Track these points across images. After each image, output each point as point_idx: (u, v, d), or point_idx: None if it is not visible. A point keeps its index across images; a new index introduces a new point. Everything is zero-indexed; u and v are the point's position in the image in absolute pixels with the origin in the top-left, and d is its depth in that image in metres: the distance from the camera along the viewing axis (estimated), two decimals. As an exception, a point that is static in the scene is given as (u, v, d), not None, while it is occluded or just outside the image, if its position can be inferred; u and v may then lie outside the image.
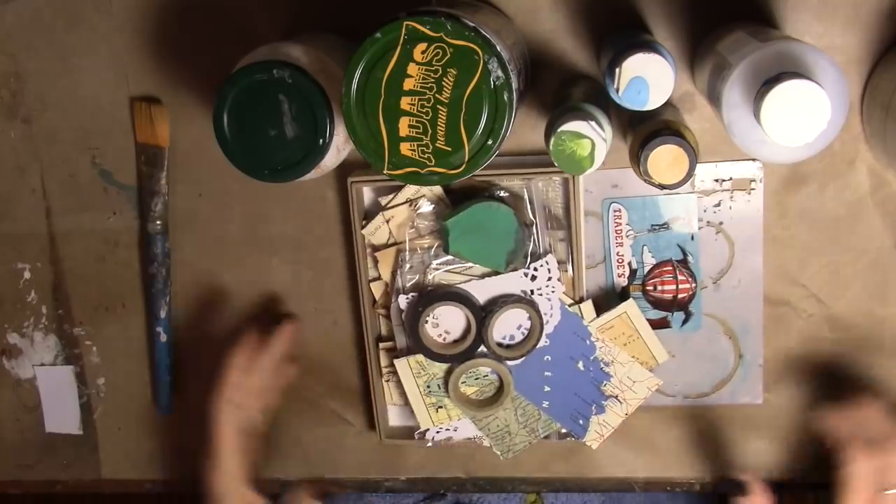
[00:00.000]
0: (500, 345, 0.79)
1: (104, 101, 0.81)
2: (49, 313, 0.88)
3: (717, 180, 0.76)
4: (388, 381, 0.83)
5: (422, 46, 0.58)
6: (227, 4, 0.77)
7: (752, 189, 0.76)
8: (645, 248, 0.79)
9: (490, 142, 0.60)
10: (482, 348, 0.79)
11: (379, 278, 0.80)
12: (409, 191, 0.77)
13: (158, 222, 0.82)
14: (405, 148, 0.60)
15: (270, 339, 0.80)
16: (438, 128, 0.59)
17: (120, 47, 0.79)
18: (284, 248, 0.83)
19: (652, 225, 0.78)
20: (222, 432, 0.78)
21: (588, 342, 0.79)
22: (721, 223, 0.77)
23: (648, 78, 0.60)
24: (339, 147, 0.66)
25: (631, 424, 0.82)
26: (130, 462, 0.91)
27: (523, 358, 0.79)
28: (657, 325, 0.80)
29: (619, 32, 0.72)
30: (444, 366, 0.80)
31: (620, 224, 0.78)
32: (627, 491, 0.86)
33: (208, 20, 0.77)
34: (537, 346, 0.79)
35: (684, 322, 0.80)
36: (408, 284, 0.79)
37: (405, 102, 0.59)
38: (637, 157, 0.63)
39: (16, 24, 0.80)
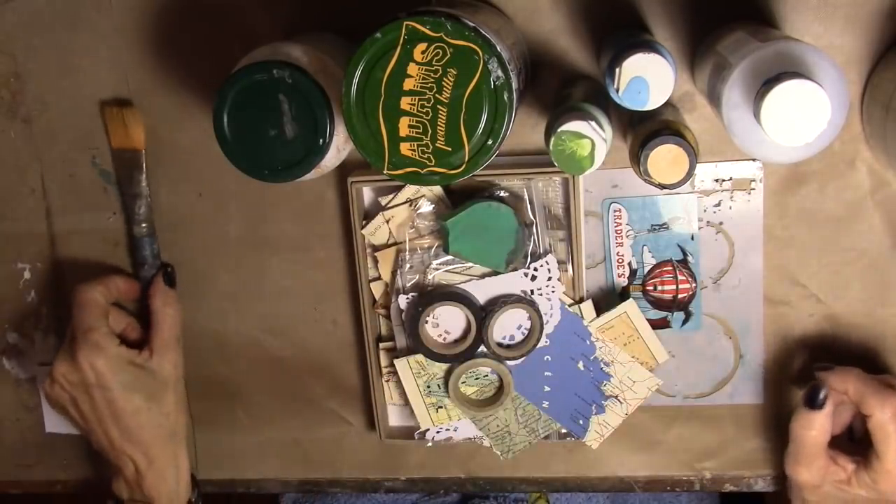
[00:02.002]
0: (500, 345, 0.79)
1: (103, 101, 0.81)
2: (49, 313, 0.88)
3: (717, 180, 0.76)
4: (388, 381, 0.83)
5: (422, 46, 0.58)
6: (227, 5, 0.77)
7: (752, 189, 0.76)
8: (645, 248, 0.79)
9: (490, 142, 0.60)
10: (482, 348, 0.79)
11: (379, 278, 0.80)
12: (409, 191, 0.77)
13: (144, 225, 0.82)
14: (405, 148, 0.60)
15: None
16: (438, 128, 0.59)
17: (120, 47, 0.79)
18: (284, 248, 0.83)
19: (652, 225, 0.78)
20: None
21: (588, 342, 0.79)
22: (721, 223, 0.77)
23: (648, 78, 0.60)
24: (339, 147, 0.66)
25: (631, 424, 0.82)
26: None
27: (523, 358, 0.79)
28: (657, 325, 0.80)
29: (619, 32, 0.72)
30: (444, 366, 0.80)
31: (620, 224, 0.78)
32: (628, 491, 0.86)
33: (208, 20, 0.77)
34: (537, 346, 0.79)
35: (684, 322, 0.80)
36: (408, 284, 0.79)
37: (405, 102, 0.59)
38: (637, 157, 0.63)
39: (16, 24, 0.80)
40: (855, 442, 0.76)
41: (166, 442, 0.79)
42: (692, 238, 0.78)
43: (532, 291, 0.78)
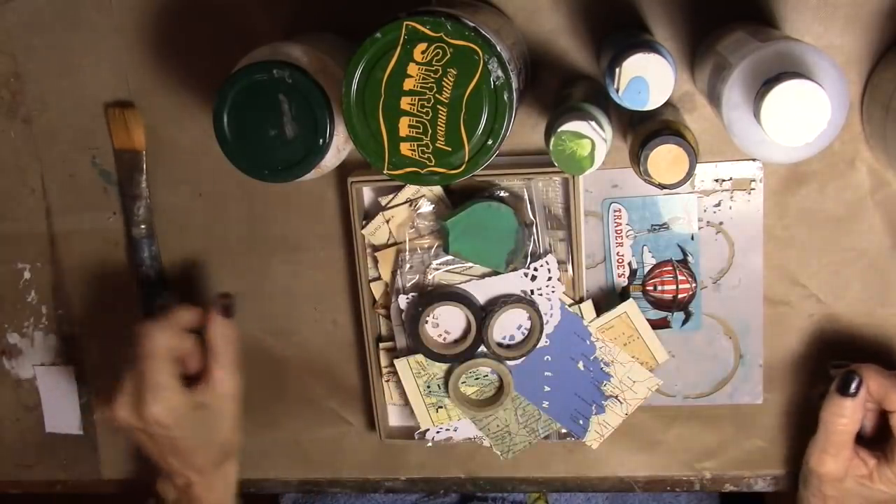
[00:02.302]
0: (500, 345, 0.79)
1: (104, 101, 0.81)
2: (49, 313, 0.88)
3: (717, 180, 0.76)
4: (388, 381, 0.83)
5: (422, 46, 0.58)
6: (227, 5, 0.77)
7: (752, 189, 0.76)
8: (645, 248, 0.79)
9: (490, 142, 0.60)
10: (482, 348, 0.79)
11: (379, 278, 0.80)
12: (409, 191, 0.77)
13: (143, 226, 0.82)
14: (405, 148, 0.60)
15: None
16: (438, 128, 0.59)
17: (120, 47, 0.79)
18: (284, 248, 0.83)
19: (652, 225, 0.78)
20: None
21: (588, 342, 0.79)
22: (721, 223, 0.77)
23: (648, 78, 0.60)
24: (339, 147, 0.66)
25: (631, 424, 0.82)
26: (131, 462, 0.91)
27: (523, 358, 0.79)
28: (657, 325, 0.80)
29: (619, 32, 0.72)
30: (444, 366, 0.80)
31: (620, 224, 0.78)
32: (628, 491, 0.86)
33: (208, 20, 0.77)
34: (537, 346, 0.79)
35: (684, 322, 0.80)
36: (408, 284, 0.79)
37: (405, 102, 0.59)
38: (637, 157, 0.63)
39: (16, 24, 0.80)
40: (863, 441, 0.76)
41: (220, 461, 0.79)
42: (692, 238, 0.78)
43: (532, 291, 0.78)
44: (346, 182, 0.77)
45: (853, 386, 0.72)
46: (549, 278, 0.77)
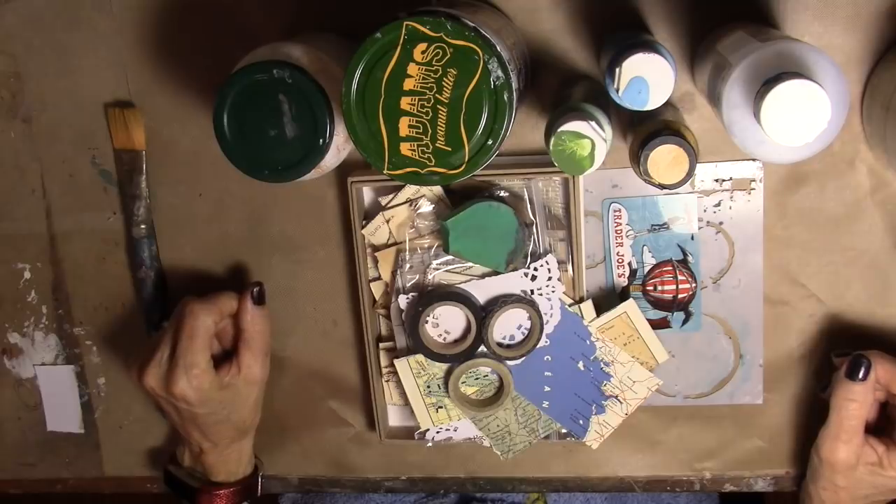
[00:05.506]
0: (500, 345, 0.79)
1: (104, 101, 0.81)
2: (49, 313, 0.88)
3: (717, 180, 0.76)
4: (388, 381, 0.83)
5: (422, 46, 0.58)
6: (227, 4, 0.77)
7: (752, 189, 0.76)
8: (645, 248, 0.79)
9: (490, 142, 0.60)
10: (482, 348, 0.79)
11: (379, 278, 0.80)
12: (409, 191, 0.77)
13: (143, 226, 0.82)
14: (405, 148, 0.60)
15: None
16: (438, 128, 0.59)
17: (120, 47, 0.79)
18: (284, 247, 0.83)
19: (652, 225, 0.78)
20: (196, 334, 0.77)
21: (588, 342, 0.79)
22: (721, 223, 0.77)
23: (648, 78, 0.60)
24: (339, 147, 0.66)
25: (631, 424, 0.82)
26: (133, 460, 0.91)
27: (523, 358, 0.79)
28: (657, 325, 0.80)
29: (619, 32, 0.72)
30: (444, 366, 0.80)
31: (620, 224, 0.78)
32: (628, 491, 0.86)
33: (208, 20, 0.77)
34: (537, 346, 0.79)
35: (684, 322, 0.80)
36: (408, 284, 0.79)
37: (405, 102, 0.59)
38: (637, 157, 0.63)
39: (16, 24, 0.80)
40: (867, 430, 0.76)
41: (237, 436, 0.83)
42: (692, 238, 0.78)
43: (532, 291, 0.78)
44: (346, 182, 0.77)
45: (862, 370, 0.73)
46: (549, 278, 0.77)
